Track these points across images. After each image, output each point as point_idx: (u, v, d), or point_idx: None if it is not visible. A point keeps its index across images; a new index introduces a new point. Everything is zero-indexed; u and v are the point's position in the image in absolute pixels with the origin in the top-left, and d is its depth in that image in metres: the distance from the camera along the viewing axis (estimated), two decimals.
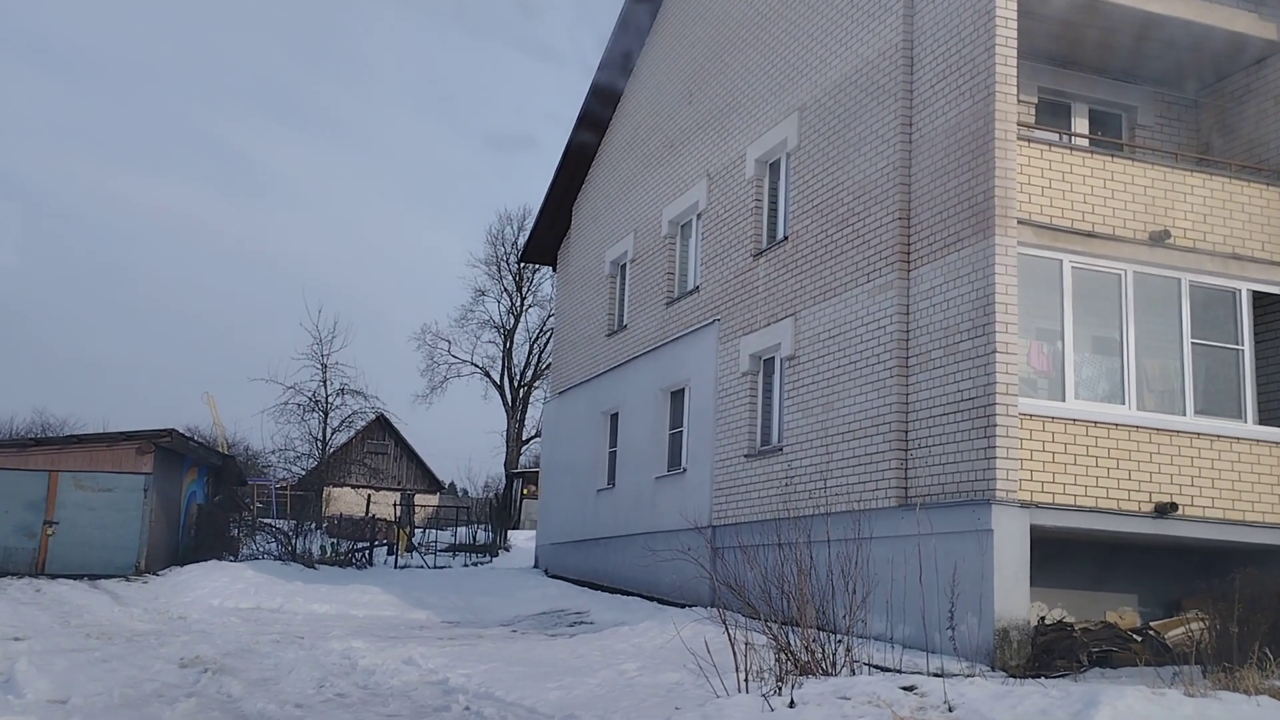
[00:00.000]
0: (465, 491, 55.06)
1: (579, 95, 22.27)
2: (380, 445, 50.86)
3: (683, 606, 14.52)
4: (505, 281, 50.34)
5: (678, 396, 18.03)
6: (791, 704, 7.43)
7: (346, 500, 41.44)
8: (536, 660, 10.92)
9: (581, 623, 15.01)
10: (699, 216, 17.87)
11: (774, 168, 15.86)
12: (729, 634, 8.59)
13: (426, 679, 9.60)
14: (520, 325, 50.56)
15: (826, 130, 14.17)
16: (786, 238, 14.94)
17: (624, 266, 20.90)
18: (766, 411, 15.33)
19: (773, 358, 15.15)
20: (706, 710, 7.49)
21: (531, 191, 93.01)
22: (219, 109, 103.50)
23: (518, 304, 50.76)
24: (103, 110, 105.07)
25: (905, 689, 7.58)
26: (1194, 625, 11.08)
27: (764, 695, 7.66)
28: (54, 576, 19.04)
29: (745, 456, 15.22)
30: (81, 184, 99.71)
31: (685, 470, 17.09)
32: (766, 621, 8.80)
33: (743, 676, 8.27)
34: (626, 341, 20.15)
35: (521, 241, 48.49)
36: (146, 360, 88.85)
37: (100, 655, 10.17)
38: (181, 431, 22.30)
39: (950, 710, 7.15)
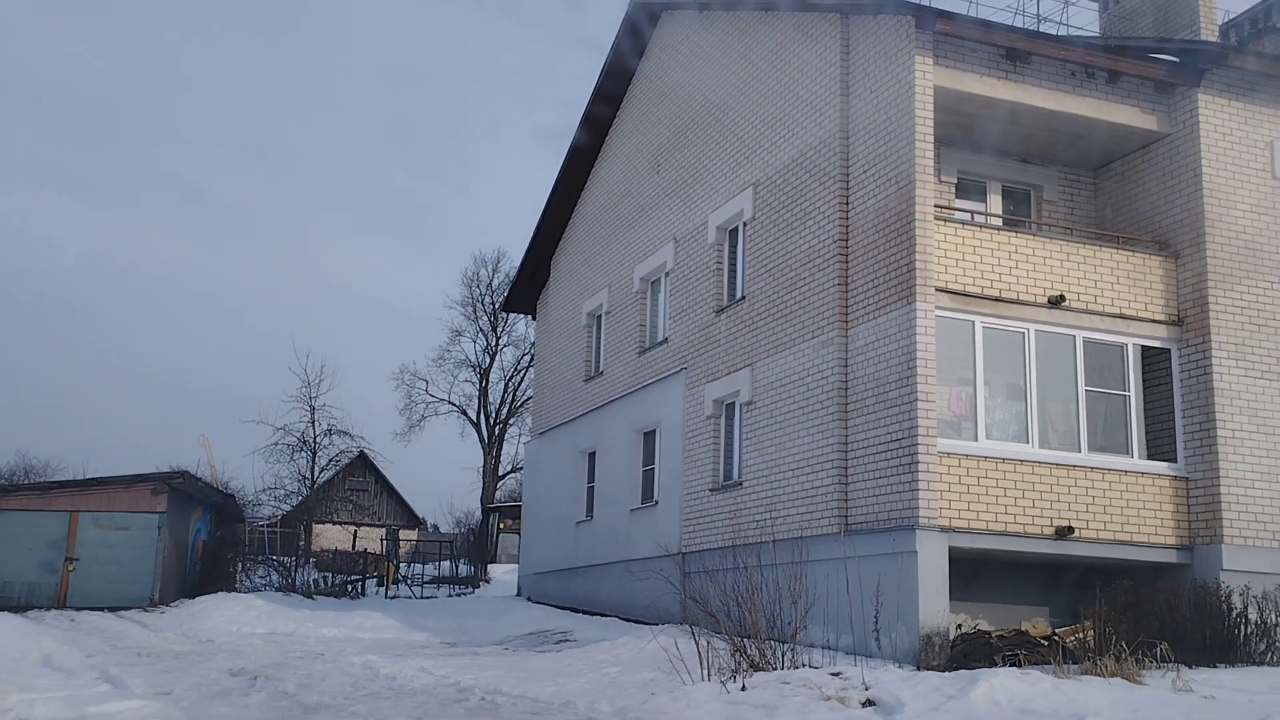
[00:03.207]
0: (435, 527, 56.52)
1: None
2: (361, 482, 52.38)
3: (655, 625, 16.39)
4: (481, 322, 52.10)
5: (649, 437, 19.98)
6: (744, 688, 9.40)
7: (329, 536, 42.94)
8: (531, 669, 12.79)
9: (566, 640, 16.85)
10: (667, 275, 19.90)
11: (733, 234, 17.92)
12: (695, 640, 10.58)
13: (441, 682, 11.42)
14: (495, 364, 52.28)
15: (777, 204, 16.26)
16: (744, 297, 16.99)
17: (600, 317, 22.89)
18: (728, 450, 17.29)
19: (733, 403, 17.13)
20: (676, 694, 9.43)
21: (504, 234, 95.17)
22: (192, 152, 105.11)
23: (493, 344, 52.50)
24: (75, 149, 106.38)
25: (833, 675, 9.57)
26: (1087, 631, 13.11)
27: (722, 682, 9.63)
28: (78, 609, 20.65)
29: (710, 490, 17.17)
30: (57, 224, 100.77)
31: (657, 503, 19.01)
32: (726, 631, 10.78)
33: (705, 671, 10.24)
34: (602, 386, 22.11)
35: (496, 283, 50.50)
36: (134, 404, 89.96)
37: (161, 668, 11.94)
38: (194, 473, 24.02)
39: (867, 689, 9.13)
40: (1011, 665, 12.73)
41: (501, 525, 51.32)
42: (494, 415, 52.29)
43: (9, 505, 22.17)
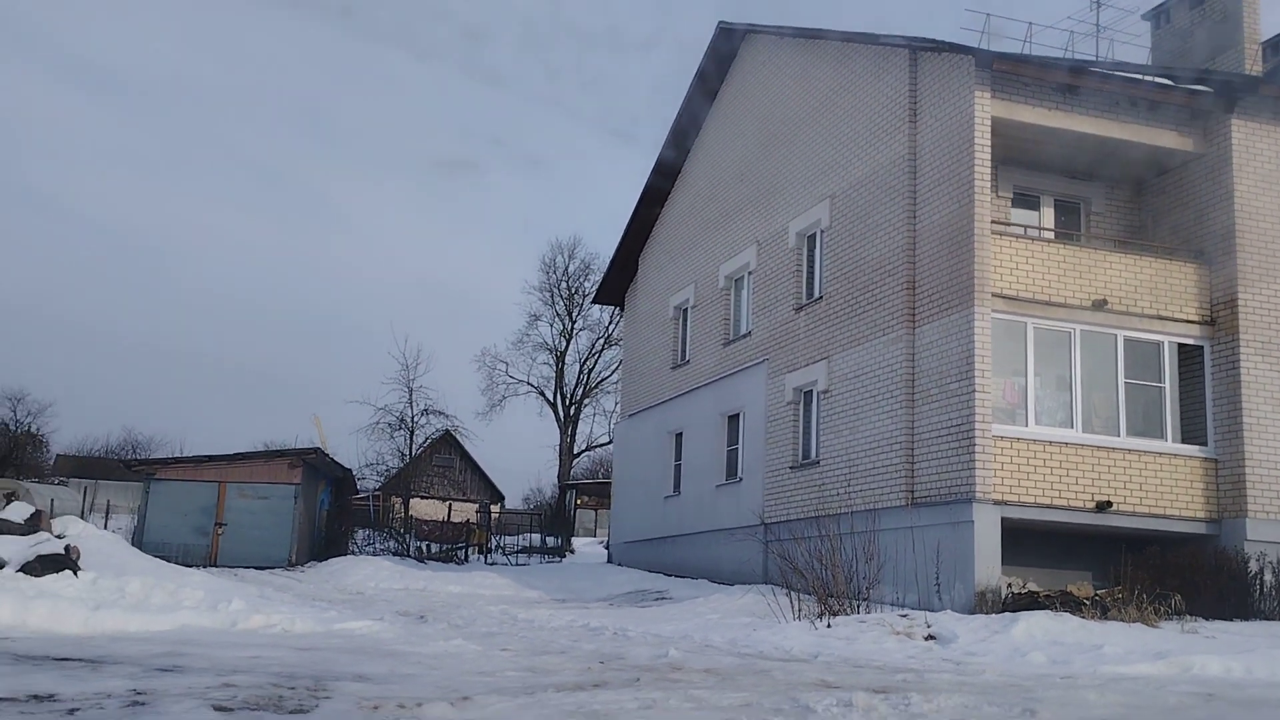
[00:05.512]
0: (503, 504, 59.32)
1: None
2: (448, 459, 55.31)
3: (743, 585, 18.67)
4: (557, 307, 54.60)
5: (734, 420, 22.23)
6: (829, 625, 11.66)
7: (419, 509, 45.93)
8: (643, 616, 15.15)
9: (664, 598, 19.20)
10: (750, 274, 22.08)
11: (811, 240, 20.05)
12: (789, 593, 12.86)
13: (573, 624, 13.78)
14: (571, 348, 54.76)
15: (852, 216, 18.36)
16: (821, 297, 19.13)
17: (686, 311, 25.14)
18: (806, 433, 19.48)
19: (811, 391, 19.30)
20: (774, 630, 11.72)
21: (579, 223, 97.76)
22: (265, 138, 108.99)
23: (569, 328, 54.98)
24: (183, 146, 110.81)
25: (901, 616, 11.79)
26: (1120, 591, 15.15)
27: (811, 622, 11.91)
28: (230, 567, 23.49)
29: (790, 468, 19.38)
30: (162, 217, 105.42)
31: (741, 479, 21.26)
32: (811, 585, 13.05)
33: (796, 615, 12.52)
34: (689, 374, 24.39)
35: (572, 269, 53.11)
36: (229, 387, 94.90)
37: (341, 609, 14.46)
38: (324, 450, 26.83)
39: (929, 627, 11.34)
40: None
41: (578, 501, 53.95)
42: (570, 396, 54.80)
43: (167, 476, 25.16)
